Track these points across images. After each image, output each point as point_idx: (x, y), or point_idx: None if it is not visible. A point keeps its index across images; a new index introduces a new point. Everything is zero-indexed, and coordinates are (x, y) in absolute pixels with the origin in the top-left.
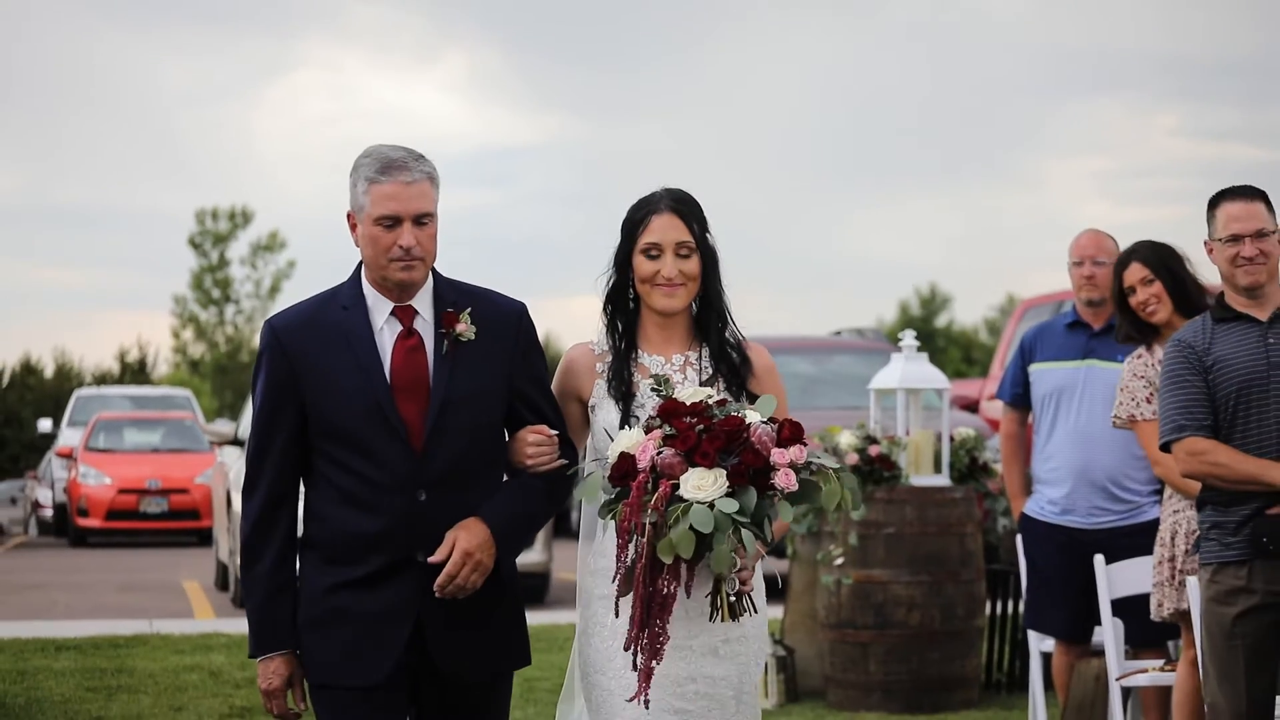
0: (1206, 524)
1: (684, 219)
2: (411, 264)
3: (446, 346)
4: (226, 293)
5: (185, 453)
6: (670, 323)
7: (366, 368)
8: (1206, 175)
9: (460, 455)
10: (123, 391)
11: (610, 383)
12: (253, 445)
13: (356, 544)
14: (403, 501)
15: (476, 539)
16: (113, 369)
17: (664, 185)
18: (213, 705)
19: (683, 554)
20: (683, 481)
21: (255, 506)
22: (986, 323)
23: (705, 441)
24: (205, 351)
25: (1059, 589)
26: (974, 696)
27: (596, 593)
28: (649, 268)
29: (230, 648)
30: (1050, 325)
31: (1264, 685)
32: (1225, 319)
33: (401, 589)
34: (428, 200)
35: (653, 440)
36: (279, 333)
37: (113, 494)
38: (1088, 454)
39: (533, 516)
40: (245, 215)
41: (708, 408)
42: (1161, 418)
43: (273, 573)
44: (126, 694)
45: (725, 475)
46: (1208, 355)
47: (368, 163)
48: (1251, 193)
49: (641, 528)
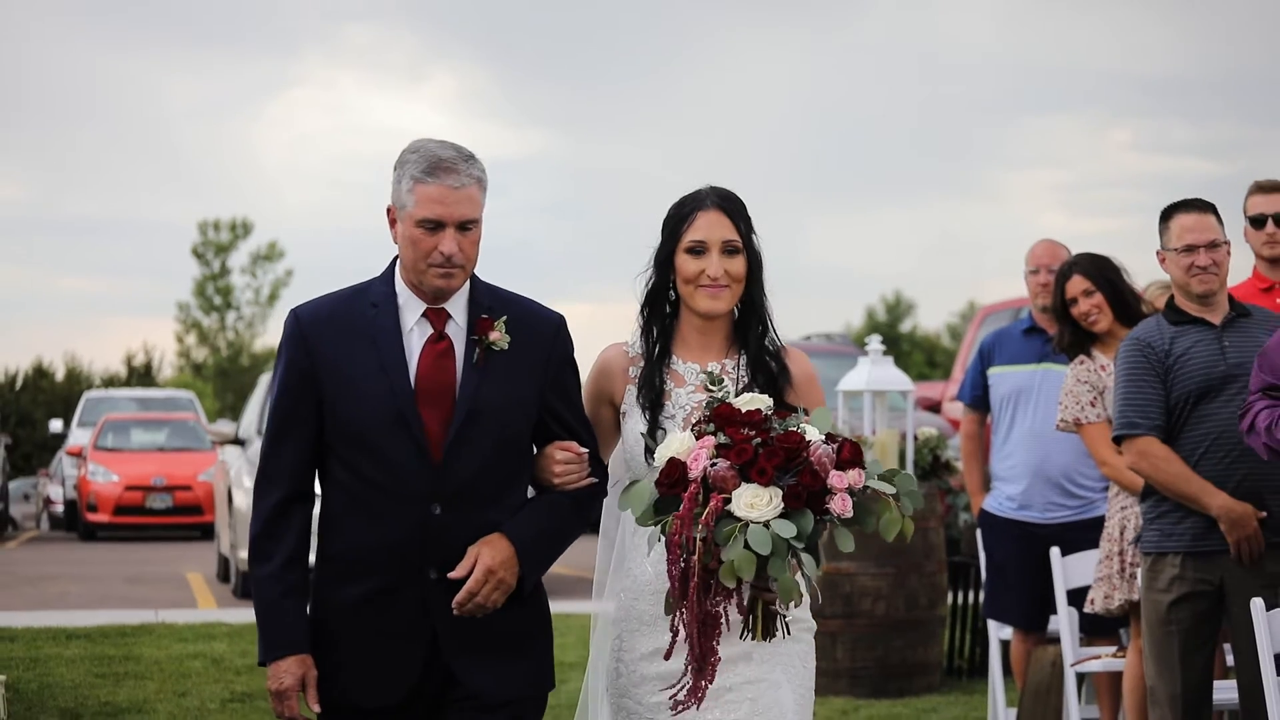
0: (1150, 515)
1: (731, 217)
2: (451, 271)
3: (478, 354)
4: (227, 300)
5: (189, 451)
6: (711, 327)
7: (390, 369)
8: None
9: (481, 470)
10: (129, 394)
11: (640, 389)
12: (267, 438)
13: (367, 556)
14: (416, 514)
15: (500, 556)
16: (120, 372)
17: (710, 184)
18: (215, 691)
19: (744, 576)
20: (734, 497)
21: (267, 504)
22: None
23: (763, 457)
24: (207, 355)
25: (1016, 580)
26: (936, 682)
27: (625, 611)
28: (693, 267)
29: (231, 636)
30: (1008, 331)
31: (1198, 669)
32: (1180, 322)
33: (416, 606)
34: (474, 206)
35: (705, 449)
36: (303, 322)
37: (120, 491)
38: (1043, 452)
39: (559, 535)
40: (245, 226)
41: (766, 419)
42: (1118, 411)
43: (282, 572)
44: (133, 680)
45: (781, 495)
46: (1169, 355)
47: (414, 160)
48: (1203, 205)
49: (691, 542)
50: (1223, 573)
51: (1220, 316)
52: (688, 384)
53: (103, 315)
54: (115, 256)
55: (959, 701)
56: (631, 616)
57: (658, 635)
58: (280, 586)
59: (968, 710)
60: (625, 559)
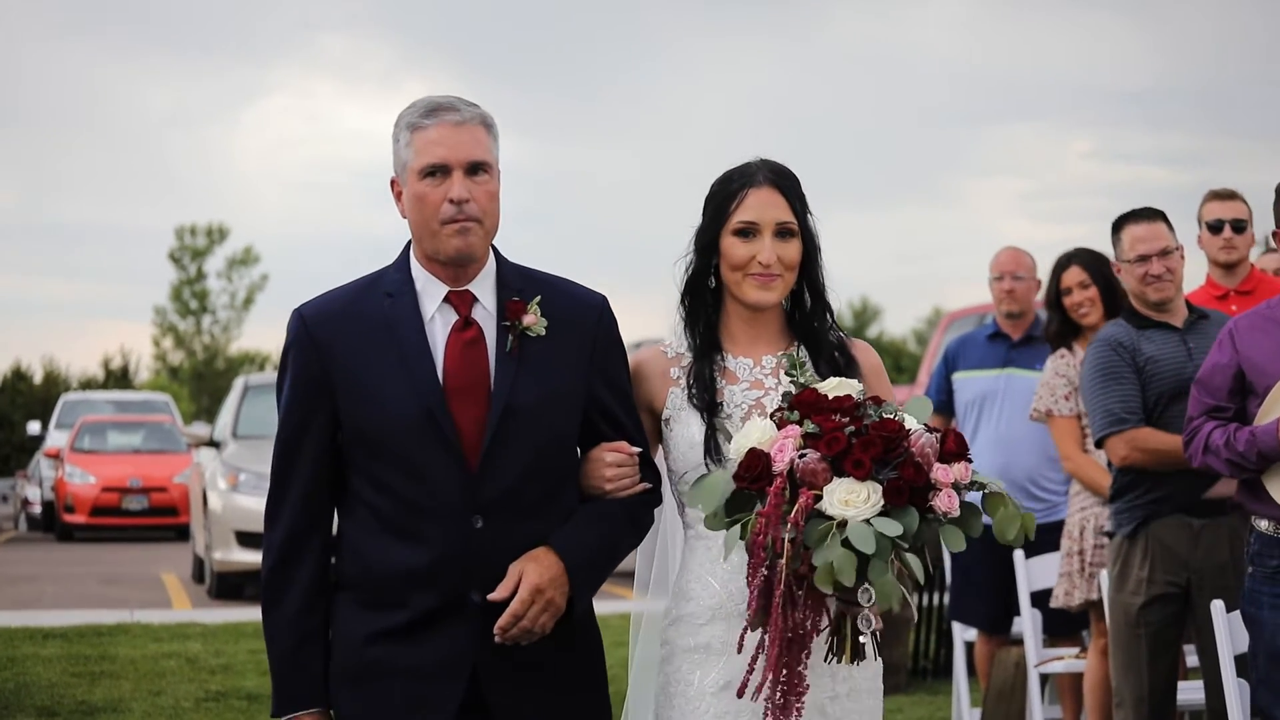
0: (1122, 509)
1: (785, 195)
2: (467, 225)
3: (511, 342)
4: (204, 304)
5: (165, 453)
6: (760, 318)
7: (414, 366)
8: (1117, 196)
9: (524, 474)
10: (106, 396)
11: (690, 389)
12: (276, 461)
13: (398, 582)
14: (455, 529)
15: (547, 573)
16: (97, 375)
17: (759, 156)
18: (189, 690)
19: (844, 580)
20: (826, 494)
21: (278, 536)
22: (914, 333)
23: (858, 448)
24: (184, 359)
25: (981, 582)
26: (902, 682)
27: (680, 645)
28: (742, 252)
29: (206, 636)
30: (972, 336)
31: (1164, 672)
32: (1145, 325)
33: (454, 637)
34: (482, 148)
35: (791, 438)
36: (309, 322)
37: (97, 492)
38: (1008, 456)
39: (613, 549)
40: (222, 232)
41: (859, 405)
42: (1098, 411)
43: (299, 616)
44: (109, 679)
45: (880, 491)
46: (1139, 355)
47: (409, 111)
48: (1152, 214)
49: (779, 544)
50: (1190, 575)
51: (1181, 320)
52: (741, 380)
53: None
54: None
55: (924, 702)
56: (695, 647)
57: (729, 665)
58: (297, 632)
59: (933, 711)
60: (674, 575)
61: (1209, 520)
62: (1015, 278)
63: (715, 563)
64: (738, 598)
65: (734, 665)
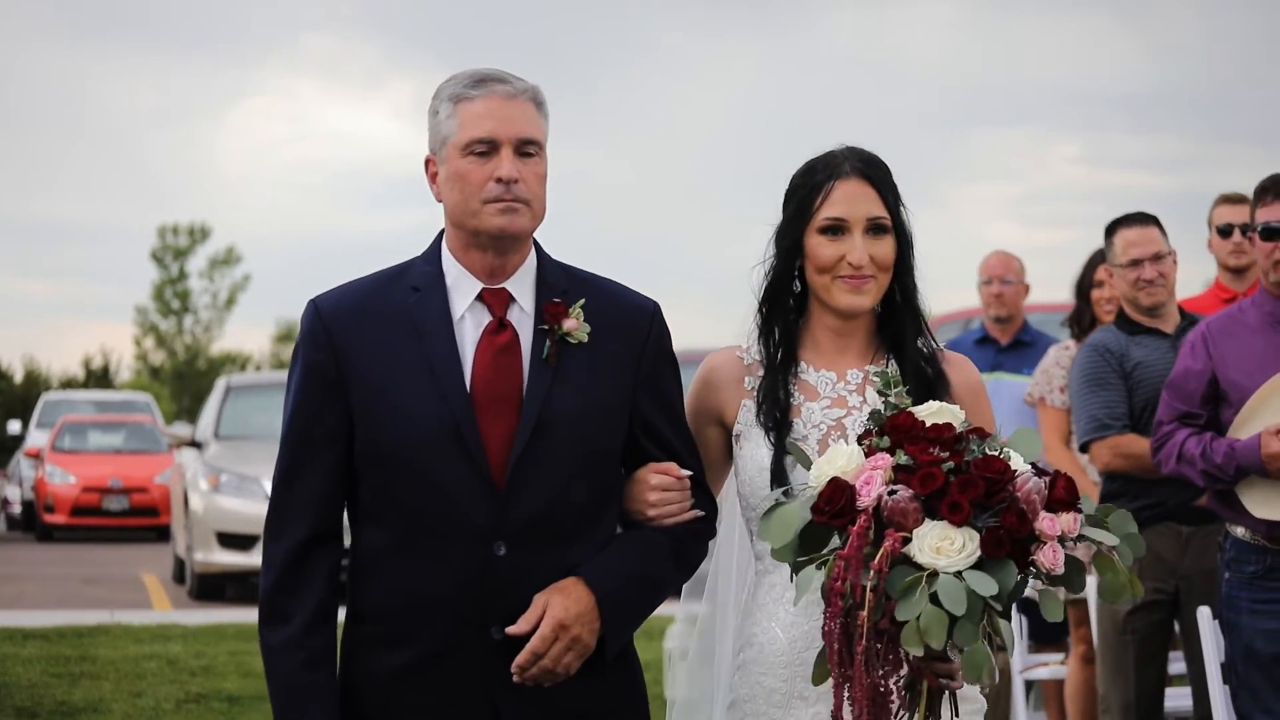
0: None
1: (877, 187)
2: (514, 206)
3: (549, 348)
4: (185, 304)
5: (145, 454)
6: (849, 327)
7: (439, 371)
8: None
9: (557, 496)
10: (87, 396)
11: (760, 405)
12: (281, 466)
13: (411, 611)
14: (474, 556)
15: (575, 607)
16: (78, 374)
17: (844, 144)
18: (170, 691)
19: (934, 642)
20: (916, 538)
21: (282, 550)
22: None
23: (956, 488)
24: (165, 359)
25: None
26: None
27: (745, 693)
28: (829, 252)
29: (186, 638)
30: (960, 341)
31: (1152, 678)
32: (1135, 331)
33: (470, 676)
34: (534, 125)
35: (880, 469)
36: (325, 314)
37: (77, 492)
38: None
39: (655, 583)
40: (204, 231)
41: (959, 438)
42: (1084, 416)
43: (303, 637)
44: (89, 680)
45: (978, 540)
46: (1128, 360)
47: (452, 82)
48: (1145, 219)
49: (859, 592)
50: (1178, 581)
51: (1172, 326)
52: (821, 397)
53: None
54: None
55: None
56: (770, 690)
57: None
58: (300, 656)
59: None
60: (735, 614)
61: (1197, 527)
62: (1004, 282)
63: (779, 603)
64: (800, 644)
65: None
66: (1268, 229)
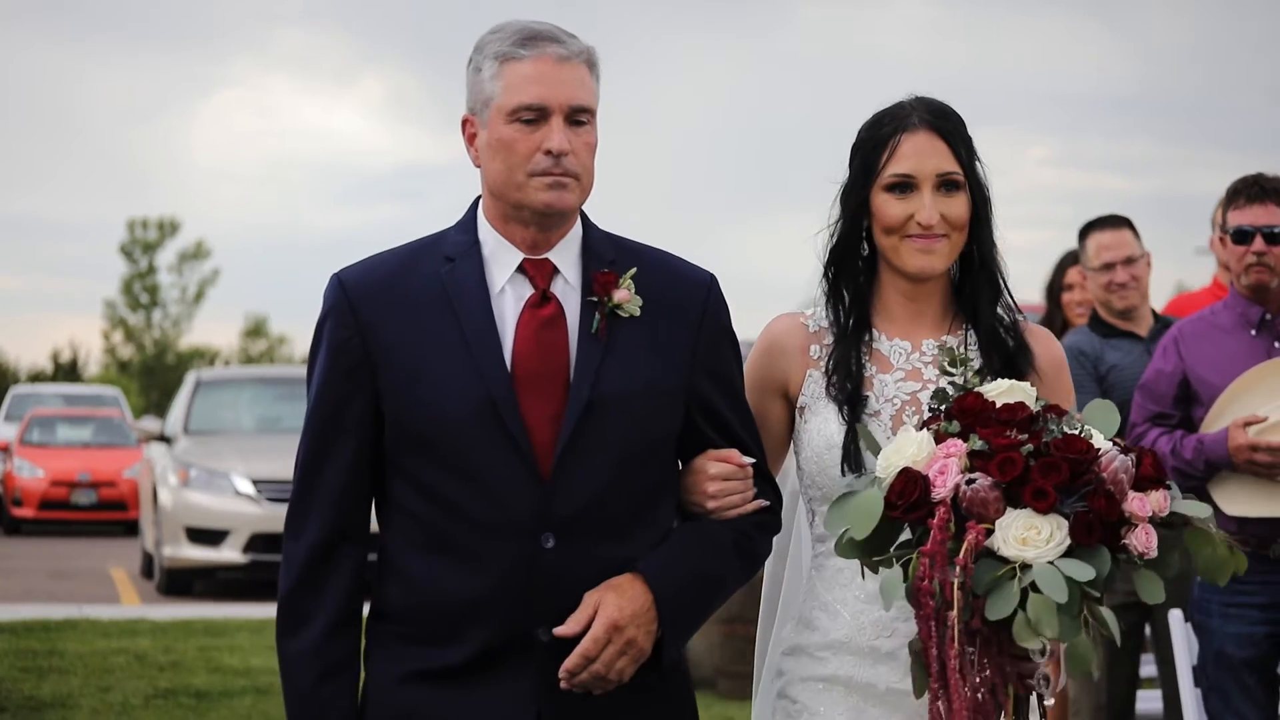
0: None
1: (948, 139)
2: (563, 181)
3: (598, 322)
4: (154, 298)
5: (114, 448)
6: (921, 292)
7: (477, 345)
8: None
9: (608, 485)
10: (56, 389)
11: (830, 376)
12: (303, 455)
13: (448, 613)
14: (520, 550)
15: (630, 606)
16: (46, 368)
17: (914, 94)
18: (138, 686)
19: (1049, 632)
20: (999, 529)
21: (302, 549)
22: None
23: (1037, 472)
24: (134, 353)
25: None
26: None
27: (799, 673)
28: (897, 211)
29: (154, 633)
30: None
31: (1123, 681)
32: (1109, 334)
33: (515, 682)
34: (587, 90)
35: (955, 457)
36: (351, 289)
37: (45, 486)
38: None
39: (716, 581)
40: (173, 225)
41: (1036, 417)
42: None
43: (325, 643)
44: (57, 675)
45: (1066, 527)
46: (1102, 364)
47: (498, 37)
48: (1118, 221)
49: (948, 589)
50: None
51: (1145, 328)
52: (895, 369)
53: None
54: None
55: None
56: (822, 677)
57: (860, 712)
58: (320, 665)
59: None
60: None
61: None
62: None
63: (847, 587)
64: (869, 632)
65: (865, 714)
66: (1240, 231)
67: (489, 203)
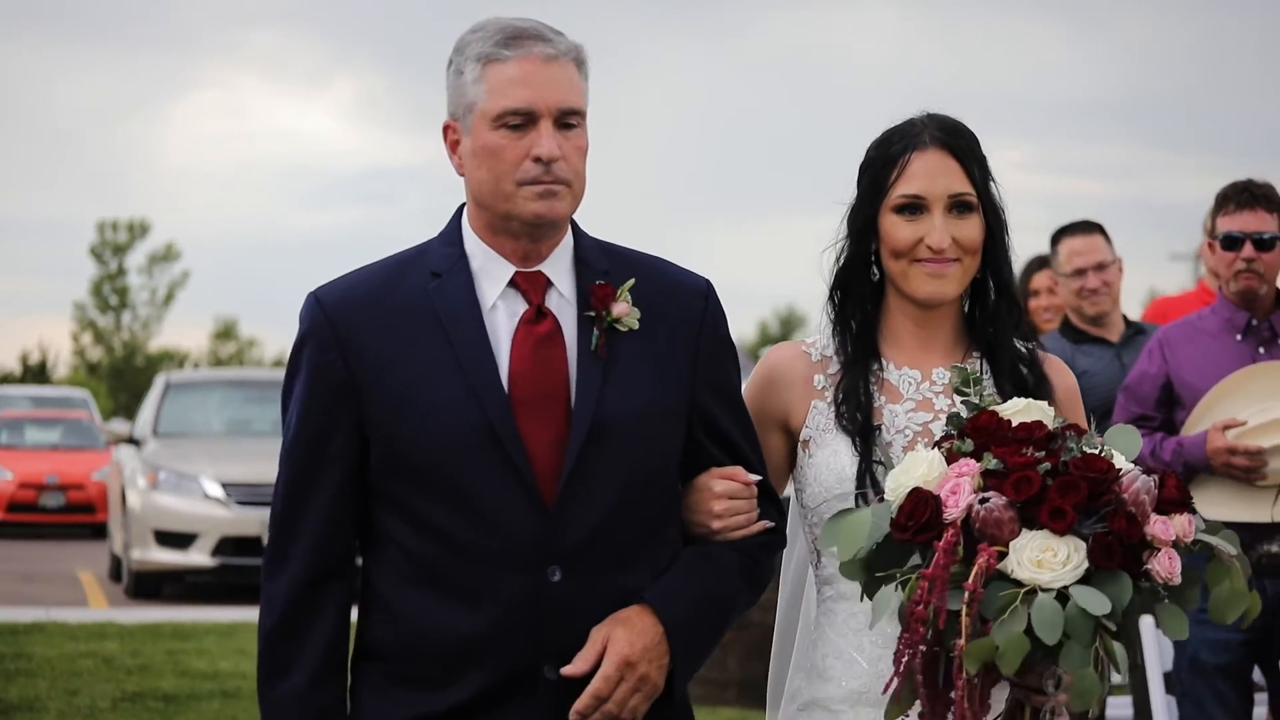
0: None
1: (960, 158)
2: (554, 189)
3: (597, 339)
4: (124, 300)
5: (83, 450)
6: (932, 319)
7: (469, 366)
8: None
9: (615, 512)
10: (24, 391)
11: (840, 407)
12: (282, 489)
13: (446, 652)
14: (524, 584)
15: (640, 640)
16: (14, 370)
17: (926, 110)
18: (106, 690)
19: (1005, 667)
20: (1013, 550)
21: (283, 588)
22: None
23: (1055, 491)
24: (103, 355)
25: None
26: None
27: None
28: (906, 233)
29: (122, 636)
30: None
31: None
32: (1080, 340)
33: None
34: (576, 92)
35: (967, 477)
36: (330, 309)
37: (13, 488)
38: None
39: (726, 607)
40: (143, 227)
41: (1053, 436)
42: None
43: (310, 693)
44: (24, 678)
45: (1085, 549)
46: (1073, 369)
47: (479, 37)
48: (1089, 227)
49: (942, 617)
50: None
51: (1117, 334)
52: (905, 399)
53: None
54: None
55: None
56: None
57: None
58: (308, 713)
59: None
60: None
61: None
62: None
63: (861, 633)
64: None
65: None
66: (1229, 238)
67: (475, 213)
